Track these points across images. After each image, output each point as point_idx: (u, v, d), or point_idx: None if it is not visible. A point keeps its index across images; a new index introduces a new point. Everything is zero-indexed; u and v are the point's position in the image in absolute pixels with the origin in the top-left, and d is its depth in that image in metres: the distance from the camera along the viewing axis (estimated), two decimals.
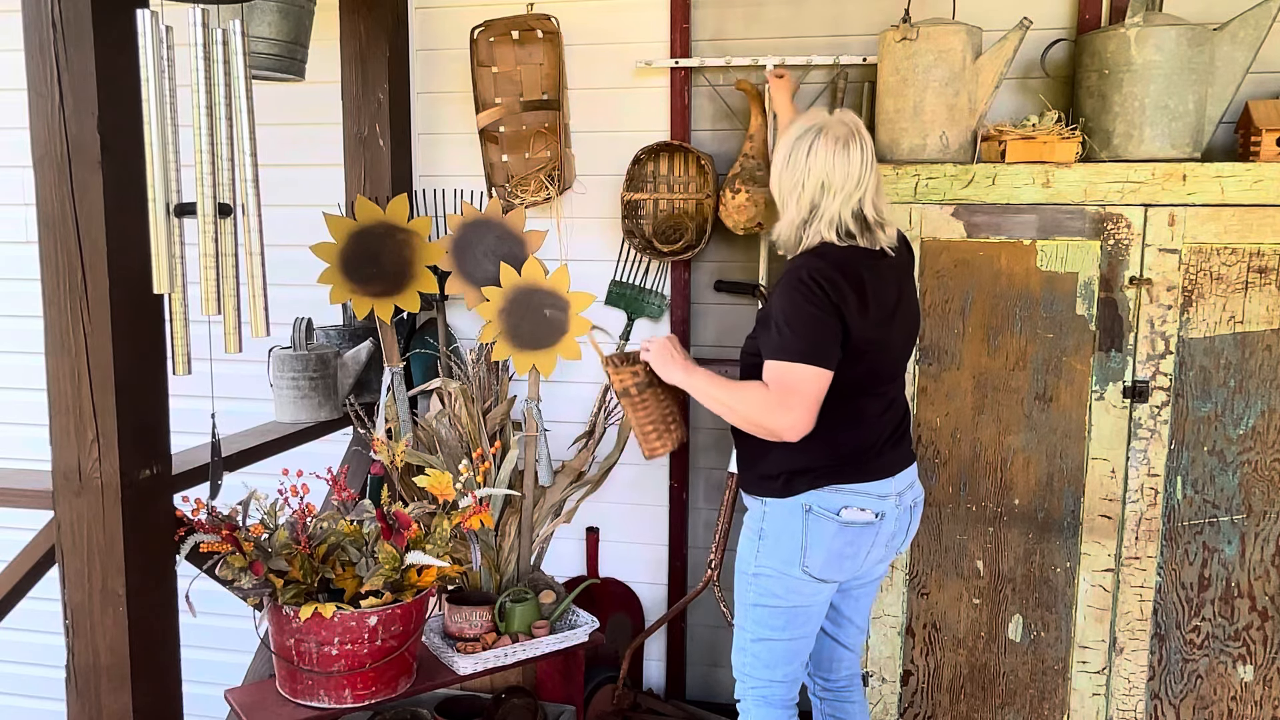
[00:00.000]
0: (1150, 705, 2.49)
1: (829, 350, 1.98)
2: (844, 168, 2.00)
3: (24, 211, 3.37)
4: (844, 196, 2.01)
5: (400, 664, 2.34)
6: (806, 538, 2.07)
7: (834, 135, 2.02)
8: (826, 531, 2.07)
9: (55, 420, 2.01)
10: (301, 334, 2.79)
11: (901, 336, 2.14)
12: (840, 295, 1.97)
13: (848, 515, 2.06)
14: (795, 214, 2.07)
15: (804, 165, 2.04)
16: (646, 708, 2.96)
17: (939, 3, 2.67)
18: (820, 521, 2.07)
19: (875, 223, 2.05)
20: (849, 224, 2.03)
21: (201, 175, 1.75)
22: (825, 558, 2.08)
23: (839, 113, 2.08)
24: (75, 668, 2.07)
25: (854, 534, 2.08)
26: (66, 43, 1.88)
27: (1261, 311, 2.33)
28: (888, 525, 2.11)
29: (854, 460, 2.08)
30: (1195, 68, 2.38)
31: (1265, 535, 2.40)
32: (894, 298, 2.08)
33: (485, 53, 2.96)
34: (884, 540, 2.13)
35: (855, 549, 2.09)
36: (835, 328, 1.97)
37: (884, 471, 2.10)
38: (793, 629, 2.16)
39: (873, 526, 2.09)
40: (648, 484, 3.13)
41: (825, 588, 2.13)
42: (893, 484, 2.11)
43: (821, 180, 2.02)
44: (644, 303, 3.03)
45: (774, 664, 2.20)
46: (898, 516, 2.13)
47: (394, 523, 2.28)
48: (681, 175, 2.96)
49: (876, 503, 2.09)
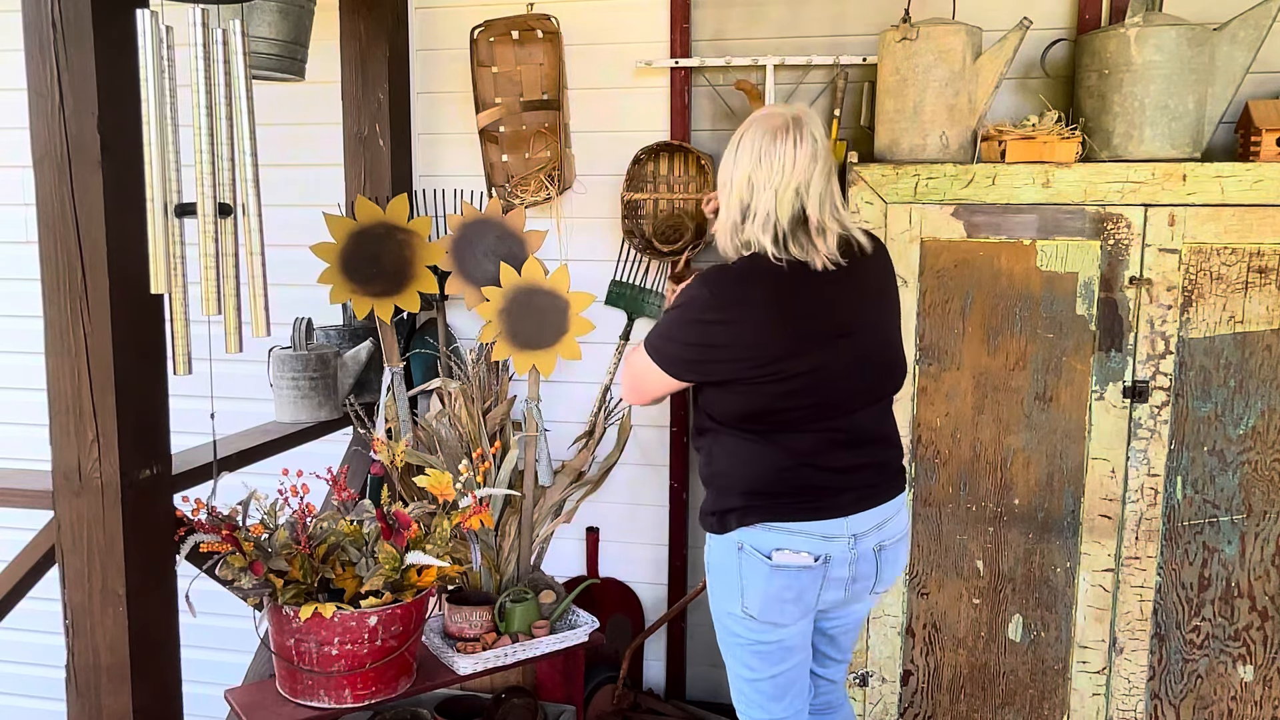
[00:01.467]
0: (1150, 705, 2.49)
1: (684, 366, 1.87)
2: (770, 161, 1.80)
3: (24, 211, 3.37)
4: (772, 193, 1.81)
5: (400, 664, 2.34)
6: (742, 578, 1.91)
7: (766, 127, 1.83)
8: (759, 573, 1.88)
9: (55, 420, 2.01)
10: (301, 334, 2.79)
11: (856, 364, 1.89)
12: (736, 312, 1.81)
13: (780, 558, 1.87)
14: (725, 215, 1.89)
15: (733, 162, 1.87)
16: (646, 708, 2.96)
17: (939, 3, 2.67)
18: (752, 561, 1.89)
19: (818, 228, 1.83)
20: (784, 227, 1.82)
21: (201, 175, 1.75)
22: (761, 601, 1.90)
23: (794, 105, 1.91)
24: (75, 668, 2.07)
25: (789, 577, 1.87)
26: (66, 43, 1.88)
27: (1261, 311, 2.33)
28: (837, 570, 1.90)
29: (788, 496, 1.88)
30: (1195, 68, 2.38)
31: (1265, 535, 2.40)
32: (843, 320, 1.87)
33: (485, 53, 2.96)
34: (837, 584, 1.93)
35: (794, 593, 1.89)
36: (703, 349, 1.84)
37: (832, 511, 1.89)
38: (767, 668, 2.00)
39: (812, 571, 1.88)
40: (648, 484, 3.13)
41: (781, 630, 1.95)
42: (845, 525, 1.89)
43: (747, 175, 1.83)
44: (644, 303, 3.03)
45: (764, 703, 2.05)
46: (853, 561, 1.91)
47: (394, 523, 2.28)
48: (681, 175, 2.96)
49: (819, 544, 1.88)
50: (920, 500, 2.54)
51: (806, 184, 1.82)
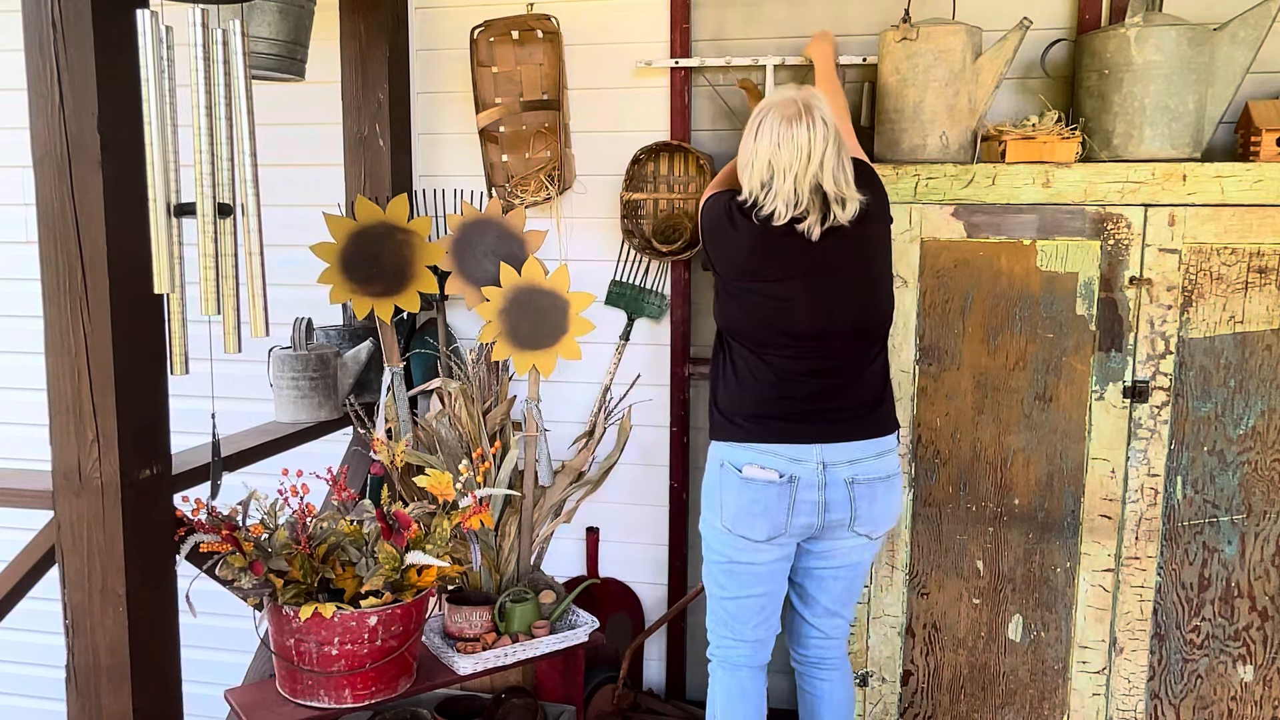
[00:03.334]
0: (1150, 705, 2.49)
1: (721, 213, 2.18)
2: (791, 146, 2.03)
3: (24, 211, 3.37)
4: (795, 175, 2.04)
5: (400, 664, 2.34)
6: (721, 491, 2.17)
7: (781, 114, 2.06)
8: (731, 485, 2.15)
9: (55, 420, 2.01)
10: (301, 334, 2.79)
11: (829, 301, 2.12)
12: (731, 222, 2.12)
13: (749, 472, 2.12)
14: (747, 192, 2.11)
15: (752, 146, 2.09)
16: (646, 708, 2.96)
17: (939, 3, 2.67)
18: (728, 474, 2.15)
19: (836, 198, 2.06)
20: (806, 198, 2.05)
21: (201, 175, 1.75)
22: (734, 512, 2.15)
23: (802, 89, 2.12)
24: (75, 668, 2.07)
25: (756, 490, 2.12)
26: (66, 43, 1.88)
27: (1261, 311, 2.33)
28: (805, 492, 2.11)
29: (757, 418, 2.14)
30: (1195, 68, 2.38)
31: (1265, 535, 2.40)
32: (820, 262, 2.09)
33: (485, 53, 2.96)
34: (808, 508, 2.13)
35: (761, 507, 2.12)
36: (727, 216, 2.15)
37: (806, 437, 2.11)
38: (735, 587, 2.21)
39: (779, 487, 2.11)
40: (648, 484, 3.13)
41: (759, 547, 2.16)
42: (814, 451, 2.11)
43: (767, 159, 2.06)
44: (644, 303, 3.03)
45: (729, 622, 2.25)
46: (822, 486, 2.12)
47: (394, 523, 2.28)
48: (681, 175, 2.96)
49: (787, 465, 2.11)
50: (920, 500, 2.54)
51: (820, 163, 2.04)
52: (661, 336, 3.06)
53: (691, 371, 3.02)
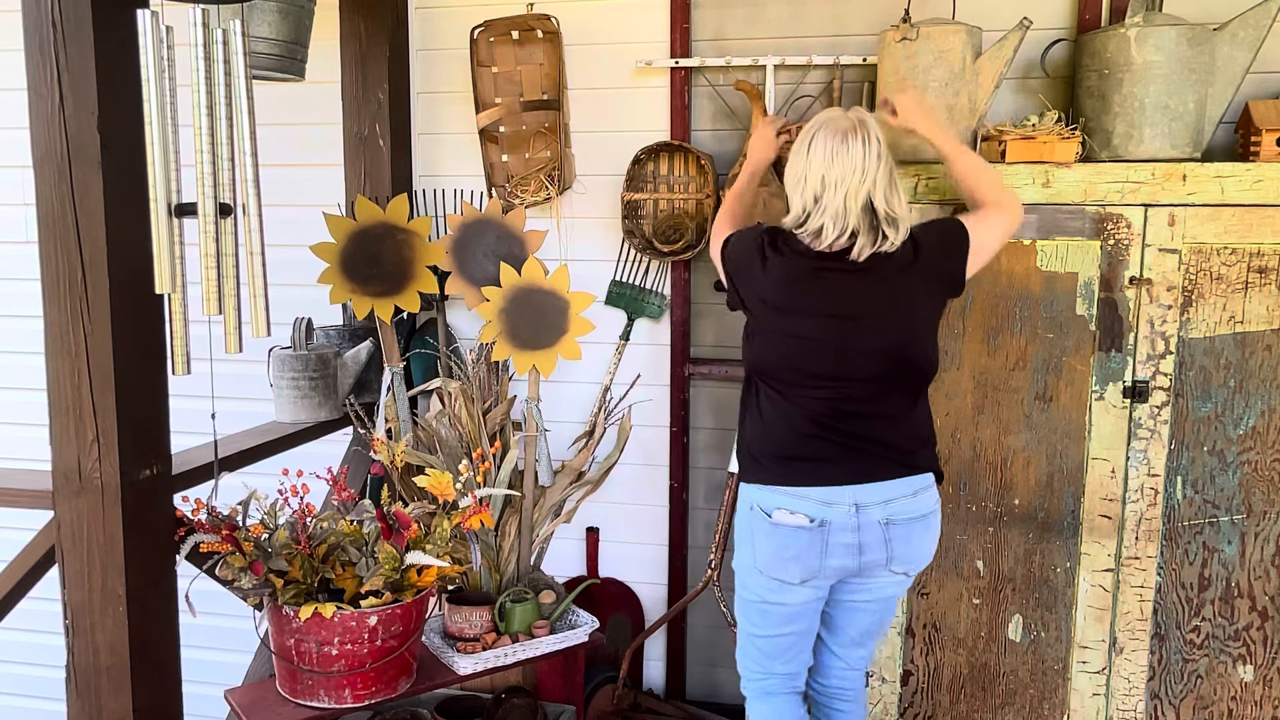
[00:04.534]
0: (1150, 705, 2.49)
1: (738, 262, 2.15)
2: (843, 161, 1.99)
3: (24, 211, 3.37)
4: (846, 190, 1.99)
5: (400, 664, 2.34)
6: (752, 534, 2.11)
7: (834, 129, 2.02)
8: (762, 529, 2.09)
9: (55, 420, 2.01)
10: (301, 334, 2.79)
11: (862, 346, 2.03)
12: (764, 254, 2.06)
13: (779, 518, 2.06)
14: (799, 208, 2.06)
15: (805, 161, 2.05)
16: (646, 708, 2.96)
17: (939, 3, 2.67)
18: (758, 518, 2.10)
19: (886, 217, 2.01)
20: (855, 218, 2.00)
21: (202, 175, 1.75)
22: (766, 556, 2.09)
23: (855, 109, 2.08)
24: (75, 668, 2.07)
25: (786, 536, 2.05)
26: (66, 43, 1.89)
27: (1261, 311, 2.33)
28: (839, 535, 2.04)
29: (784, 460, 2.07)
30: (1195, 68, 2.38)
31: (1265, 535, 2.40)
32: (852, 305, 2.02)
33: (485, 53, 2.96)
34: (844, 551, 2.05)
35: (793, 552, 2.05)
36: (746, 257, 2.11)
37: (839, 478, 2.04)
38: (768, 626, 2.17)
39: (810, 532, 2.04)
40: (648, 484, 3.13)
41: (792, 589, 2.10)
42: (847, 493, 2.04)
43: (821, 174, 2.01)
44: (644, 303, 3.03)
45: (761, 659, 2.22)
46: (856, 529, 2.04)
47: (394, 523, 2.28)
48: (681, 175, 2.96)
49: (818, 509, 2.04)
50: None
51: (874, 181, 2.01)
52: (661, 336, 3.06)
53: (691, 371, 3.02)
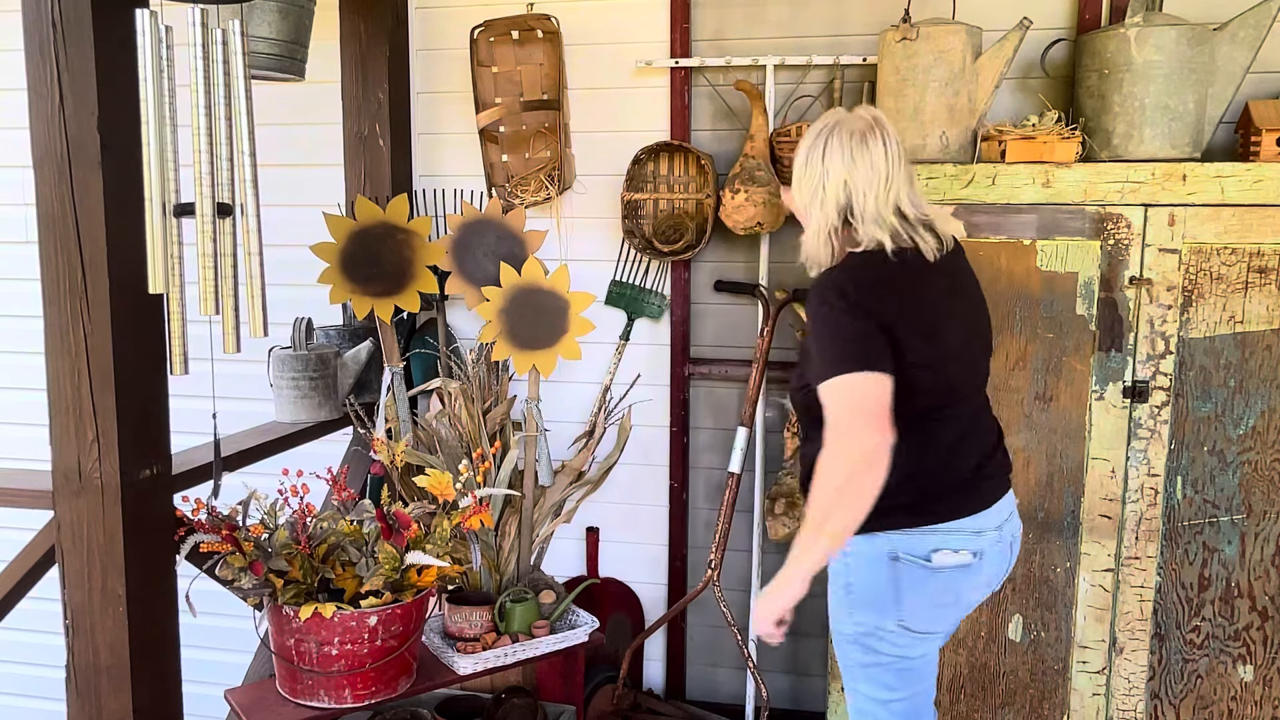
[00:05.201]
0: (1150, 705, 2.49)
1: (876, 352, 1.72)
2: (867, 163, 1.80)
3: (24, 211, 3.37)
4: (877, 194, 1.80)
5: (400, 664, 2.34)
6: (898, 590, 1.83)
7: (849, 130, 1.82)
8: (917, 580, 1.81)
9: (55, 420, 2.01)
10: (301, 334, 2.79)
11: (961, 346, 1.87)
12: (874, 298, 1.76)
13: (940, 559, 1.81)
14: (822, 222, 1.85)
15: (821, 168, 1.83)
16: (646, 708, 2.96)
17: (939, 3, 2.67)
18: (910, 570, 1.81)
19: (917, 220, 1.83)
20: (893, 222, 1.81)
21: (200, 175, 1.75)
22: (925, 611, 1.84)
23: (859, 107, 1.89)
24: (75, 668, 2.07)
25: (948, 579, 1.82)
26: (66, 43, 1.89)
27: (1261, 311, 2.33)
28: (989, 565, 1.86)
29: (935, 495, 1.83)
30: (1195, 68, 2.38)
31: (1265, 535, 2.40)
32: (945, 306, 1.86)
33: (485, 53, 2.96)
34: (984, 582, 1.89)
35: (953, 595, 1.85)
36: (874, 330, 1.73)
37: (978, 504, 1.85)
38: (906, 687, 1.92)
39: (971, 568, 1.84)
40: (648, 484, 3.13)
41: (932, 639, 1.91)
42: (991, 517, 1.86)
43: (844, 179, 1.81)
44: (644, 303, 3.03)
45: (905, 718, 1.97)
46: (999, 554, 1.88)
47: (394, 523, 2.28)
48: (681, 175, 2.96)
49: (973, 540, 1.83)
50: None
51: (899, 181, 1.83)
52: (661, 336, 3.06)
53: (691, 371, 3.02)
